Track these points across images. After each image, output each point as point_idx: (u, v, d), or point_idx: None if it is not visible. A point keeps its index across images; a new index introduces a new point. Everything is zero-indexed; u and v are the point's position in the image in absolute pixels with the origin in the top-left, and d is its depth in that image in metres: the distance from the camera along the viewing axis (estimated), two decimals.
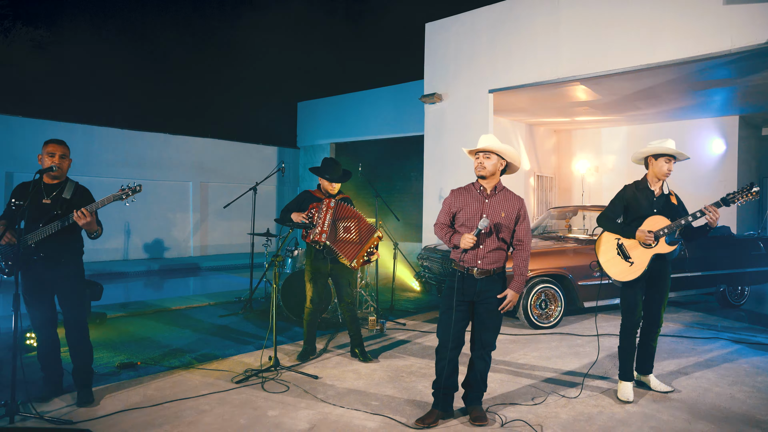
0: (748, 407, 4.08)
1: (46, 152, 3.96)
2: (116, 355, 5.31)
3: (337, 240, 4.98)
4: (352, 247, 4.99)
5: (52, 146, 3.98)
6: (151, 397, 4.17)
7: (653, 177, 4.31)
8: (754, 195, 3.95)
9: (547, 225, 8.69)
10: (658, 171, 4.25)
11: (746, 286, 8.26)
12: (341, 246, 4.97)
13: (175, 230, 14.81)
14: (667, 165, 4.22)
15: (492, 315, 3.70)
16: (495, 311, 3.69)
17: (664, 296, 4.32)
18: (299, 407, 4.01)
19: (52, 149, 3.97)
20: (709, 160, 11.62)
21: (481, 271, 3.65)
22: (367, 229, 5.07)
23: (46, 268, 3.91)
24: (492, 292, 3.67)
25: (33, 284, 3.94)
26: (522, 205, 3.76)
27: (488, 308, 3.68)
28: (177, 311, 7.47)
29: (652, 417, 3.88)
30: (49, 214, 3.89)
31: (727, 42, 6.78)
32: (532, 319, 6.62)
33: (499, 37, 9.16)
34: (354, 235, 5.01)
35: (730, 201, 4.00)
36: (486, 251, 3.66)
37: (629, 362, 4.32)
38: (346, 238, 5.00)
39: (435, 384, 3.80)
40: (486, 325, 3.71)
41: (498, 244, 3.68)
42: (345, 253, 4.96)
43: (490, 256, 3.66)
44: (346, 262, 4.96)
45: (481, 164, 3.69)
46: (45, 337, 4.04)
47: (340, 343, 5.89)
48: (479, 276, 3.65)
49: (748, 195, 3.96)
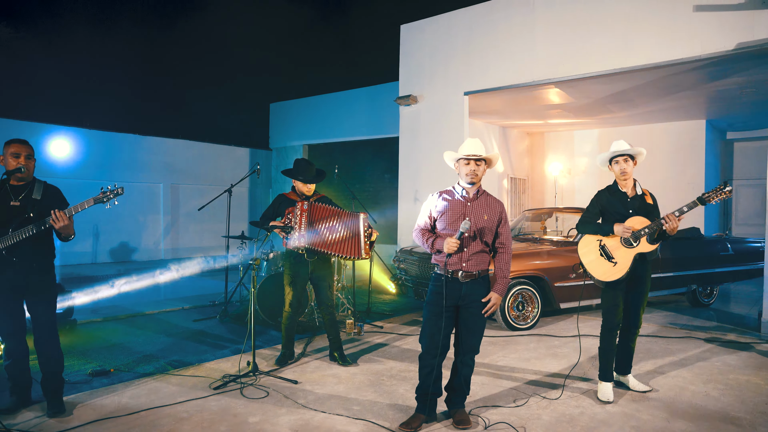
0: (723, 404, 4.16)
1: (10, 153, 3.77)
2: (88, 362, 5.14)
3: (328, 243, 4.87)
4: (350, 243, 4.88)
5: (15, 146, 3.79)
6: (126, 406, 4.05)
7: (619, 179, 4.38)
8: (727, 194, 4.05)
9: (522, 227, 8.76)
10: (615, 173, 4.35)
11: (715, 286, 8.45)
12: (338, 248, 4.86)
13: (145, 233, 14.51)
14: (619, 166, 4.30)
15: (477, 319, 3.70)
16: (480, 315, 3.69)
17: (644, 297, 4.38)
18: (280, 413, 3.94)
19: (16, 149, 3.78)
20: (677, 162, 11.88)
21: (467, 274, 3.65)
22: (351, 219, 4.94)
23: (17, 274, 3.74)
24: (477, 296, 3.67)
25: (3, 291, 3.76)
26: (503, 208, 3.80)
27: (473, 312, 3.68)
28: (150, 315, 7.29)
29: (632, 417, 3.92)
30: (20, 216, 3.72)
31: (698, 48, 6.93)
32: (510, 320, 6.65)
33: (474, 40, 9.21)
34: (342, 232, 4.90)
35: (705, 200, 4.07)
36: (470, 254, 3.66)
37: (610, 363, 4.36)
38: (336, 238, 4.88)
39: (419, 389, 3.78)
40: (472, 330, 3.71)
41: (481, 247, 3.69)
42: (348, 252, 4.86)
43: (475, 259, 3.66)
44: (356, 259, 4.88)
45: (474, 171, 3.69)
46: (14, 346, 3.86)
47: (318, 347, 5.82)
48: (464, 279, 3.65)
49: (722, 194, 4.05)
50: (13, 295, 3.79)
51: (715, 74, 7.95)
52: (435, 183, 9.34)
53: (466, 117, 9.42)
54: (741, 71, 7.73)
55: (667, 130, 12.14)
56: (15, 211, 3.75)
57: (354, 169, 14.75)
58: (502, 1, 8.85)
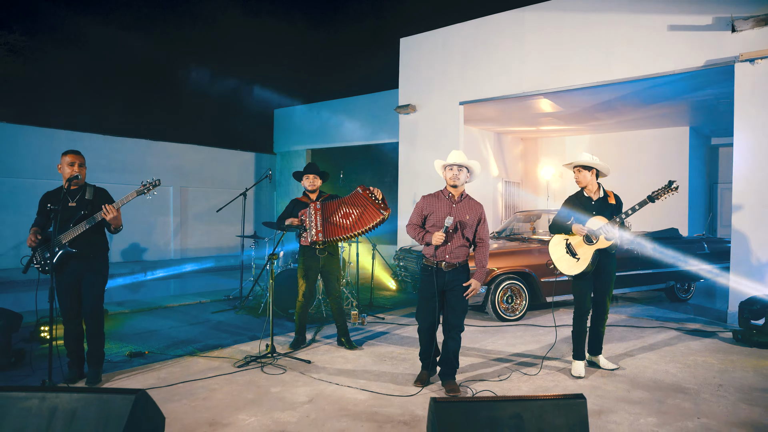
0: (677, 379, 4.83)
1: (66, 162, 4.50)
2: (124, 346, 5.82)
3: (349, 227, 5.42)
4: (366, 214, 5.37)
5: (71, 156, 4.52)
6: (165, 379, 4.71)
7: (580, 186, 5.07)
8: (674, 191, 4.72)
9: (514, 227, 9.42)
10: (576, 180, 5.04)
11: (692, 282, 9.11)
12: (360, 224, 5.36)
13: (155, 233, 15.17)
14: (577, 175, 5.00)
15: (459, 300, 4.45)
16: (462, 297, 4.45)
17: (609, 287, 5.04)
18: (297, 385, 4.61)
19: (72, 159, 4.52)
20: (663, 166, 12.54)
21: (449, 264, 4.43)
22: (354, 197, 5.51)
23: (79, 264, 4.46)
24: (459, 282, 4.44)
25: (69, 280, 4.48)
26: (482, 210, 4.58)
27: (456, 295, 4.45)
28: (172, 308, 7.97)
29: (598, 388, 4.59)
30: (76, 215, 4.43)
31: (672, 64, 7.60)
32: (500, 312, 7.31)
33: (469, 53, 9.89)
34: (355, 212, 5.44)
35: (654, 197, 4.75)
36: (453, 248, 4.44)
37: (581, 344, 5.02)
38: (354, 219, 5.42)
39: (421, 353, 4.69)
40: (455, 309, 4.47)
41: (462, 242, 4.47)
42: (370, 220, 5.34)
43: (456, 252, 4.45)
44: (380, 221, 5.31)
45: (456, 176, 4.46)
46: (73, 327, 4.57)
47: (326, 334, 6.49)
48: (447, 269, 4.44)
49: (668, 191, 4.73)
50: (74, 282, 4.51)
51: (692, 86, 8.62)
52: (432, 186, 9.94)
53: (461, 125, 10.09)
54: (714, 84, 8.40)
55: (653, 135, 12.81)
56: (73, 211, 4.46)
57: (355, 173, 15.42)
58: (494, 18, 9.54)
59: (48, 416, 2.64)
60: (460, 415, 2.76)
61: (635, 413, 4.01)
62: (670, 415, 3.98)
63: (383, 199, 5.41)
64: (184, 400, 4.22)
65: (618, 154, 13.01)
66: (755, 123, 6.87)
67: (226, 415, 3.95)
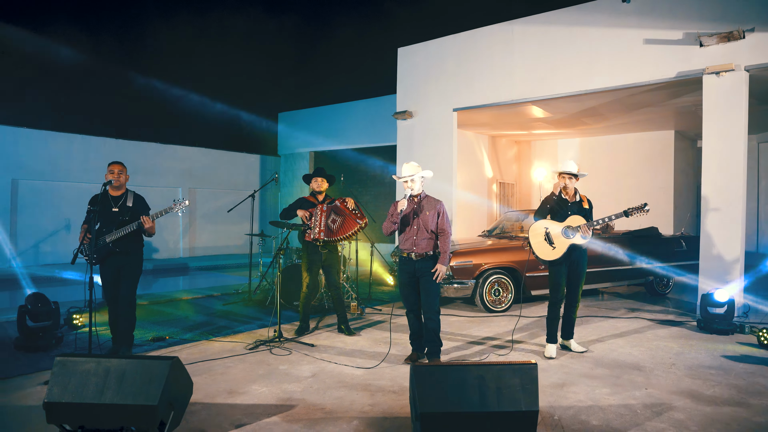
0: (637, 359, 5.46)
1: (109, 171, 5.27)
2: (146, 332, 6.49)
3: (336, 231, 6.28)
4: (347, 223, 6.28)
5: (112, 166, 5.32)
6: (185, 359, 5.35)
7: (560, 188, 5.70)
8: (645, 212, 5.43)
9: (504, 226, 10.05)
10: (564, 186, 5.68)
11: (671, 278, 9.72)
12: (344, 230, 6.26)
13: (165, 233, 15.85)
14: (563, 181, 5.63)
15: (430, 284, 5.14)
16: (432, 281, 5.14)
17: (582, 278, 5.67)
18: (302, 363, 5.26)
19: (113, 168, 5.30)
20: (649, 169, 13.17)
21: (417, 254, 5.17)
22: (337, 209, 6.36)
23: (120, 258, 5.24)
24: (427, 268, 5.15)
25: (111, 271, 5.26)
26: (440, 205, 5.30)
27: (427, 279, 5.15)
28: (185, 301, 8.64)
29: (566, 366, 5.23)
30: (118, 219, 5.20)
31: (647, 74, 8.22)
32: (487, 304, 7.95)
33: (462, 63, 10.53)
34: (339, 220, 6.32)
35: (629, 213, 5.41)
36: (419, 240, 5.17)
37: (554, 329, 5.66)
38: (339, 226, 6.30)
39: (411, 336, 5.41)
40: (428, 292, 5.16)
41: (427, 235, 5.19)
42: (351, 228, 6.25)
43: (422, 243, 5.17)
44: (358, 229, 6.25)
45: (409, 186, 5.22)
46: (114, 310, 5.34)
47: (328, 323, 7.14)
48: (416, 258, 5.17)
49: (641, 211, 5.42)
50: (115, 273, 5.28)
51: (670, 94, 9.24)
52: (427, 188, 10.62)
53: (455, 130, 10.73)
54: (689, 93, 9.01)
55: (640, 139, 13.43)
56: (115, 215, 5.21)
57: (356, 174, 16.08)
58: (486, 30, 10.17)
59: (103, 375, 3.30)
60: (435, 376, 3.40)
61: (593, 386, 4.66)
62: (622, 387, 4.62)
63: (358, 210, 6.29)
64: (205, 375, 4.88)
65: (608, 157, 13.65)
66: (720, 130, 7.48)
67: (241, 385, 4.61)
